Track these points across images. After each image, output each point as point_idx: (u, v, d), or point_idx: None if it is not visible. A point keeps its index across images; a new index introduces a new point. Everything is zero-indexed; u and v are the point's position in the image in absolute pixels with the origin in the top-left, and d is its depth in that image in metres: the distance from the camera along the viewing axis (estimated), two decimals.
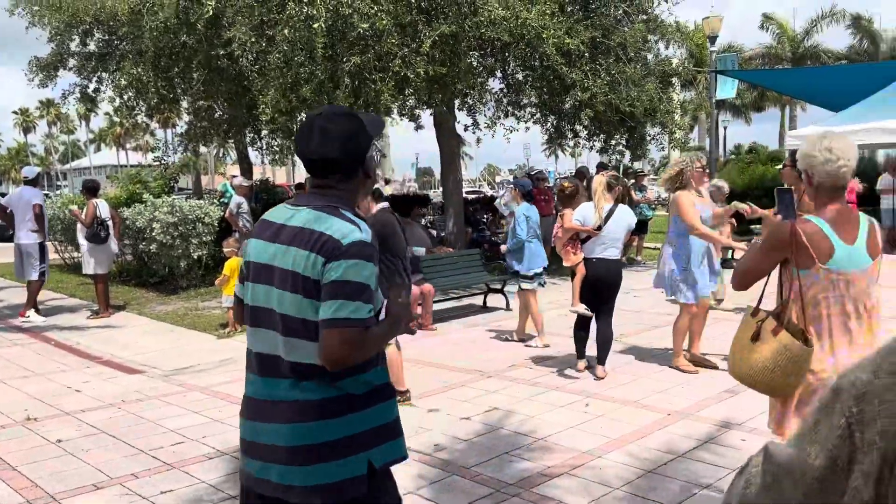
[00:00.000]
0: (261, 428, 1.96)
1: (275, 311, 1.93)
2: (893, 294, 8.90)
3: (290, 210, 2.01)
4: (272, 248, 1.96)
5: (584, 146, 13.02)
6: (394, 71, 9.28)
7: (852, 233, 2.65)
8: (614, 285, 5.91)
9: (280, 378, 1.94)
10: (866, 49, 29.72)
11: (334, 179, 1.99)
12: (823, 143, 2.64)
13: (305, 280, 1.88)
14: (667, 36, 11.99)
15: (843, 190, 2.70)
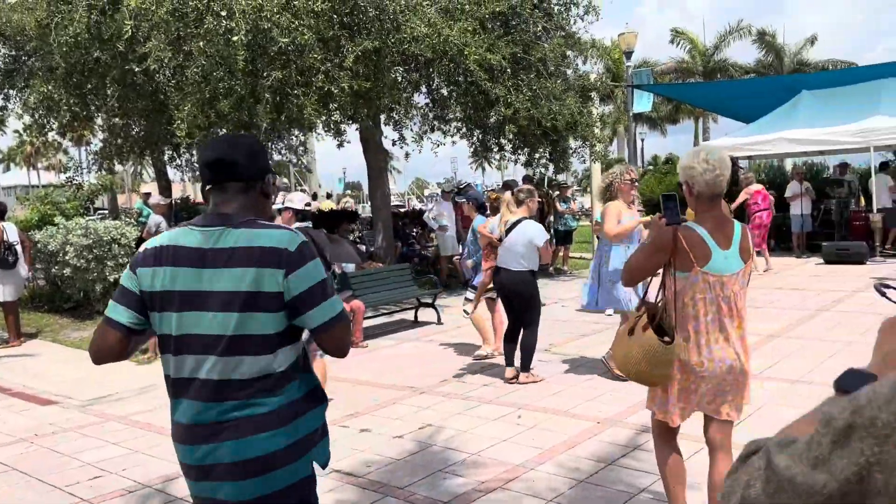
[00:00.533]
0: (208, 450, 1.94)
1: (211, 335, 1.91)
2: (804, 294, 9.41)
3: (205, 232, 1.96)
4: (202, 273, 1.92)
5: (510, 159, 13.20)
6: (317, 86, 9.18)
7: (728, 239, 2.92)
8: (519, 296, 6.04)
9: (225, 400, 1.92)
10: (771, 63, 31.29)
11: (235, 189, 2.01)
12: (701, 155, 2.90)
13: (259, 296, 1.88)
14: (584, 52, 12.31)
15: (720, 198, 2.96)
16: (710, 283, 2.87)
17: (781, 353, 6.60)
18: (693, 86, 25.47)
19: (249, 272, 1.88)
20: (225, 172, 2.01)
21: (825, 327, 7.64)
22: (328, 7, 8.99)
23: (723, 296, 2.89)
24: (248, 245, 1.90)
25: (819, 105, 13.98)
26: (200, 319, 1.91)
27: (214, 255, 1.92)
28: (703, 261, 2.86)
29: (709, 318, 2.90)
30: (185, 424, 1.98)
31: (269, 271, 1.88)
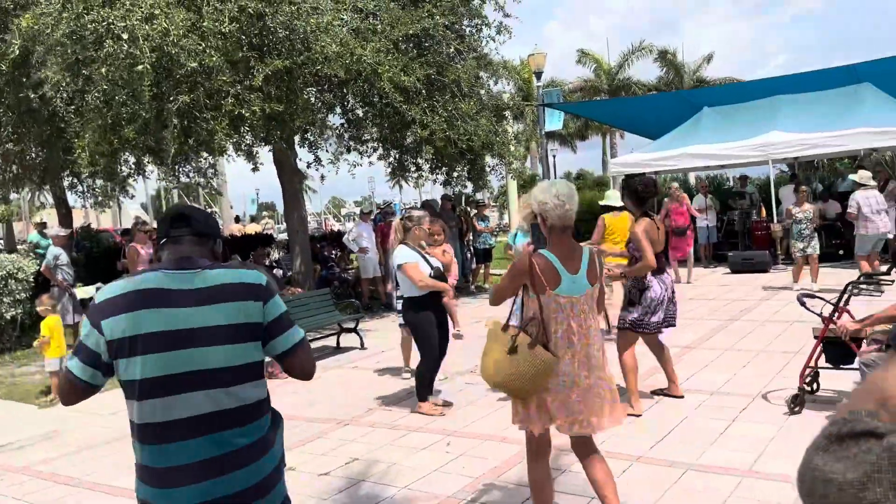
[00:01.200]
0: (215, 484, 2.00)
1: (203, 370, 1.99)
2: (700, 303, 9.76)
3: (180, 274, 2.07)
4: (190, 311, 2.00)
5: (428, 179, 13.20)
6: (227, 109, 8.91)
7: (576, 264, 3.24)
8: (407, 324, 6.06)
9: (225, 430, 2.02)
10: (672, 80, 32.75)
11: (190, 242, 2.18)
12: (552, 191, 3.26)
13: (247, 326, 2.06)
14: (497, 72, 12.48)
15: (570, 228, 3.29)
16: (561, 304, 3.18)
17: (699, 364, 6.79)
18: (601, 103, 26.29)
19: (240, 305, 2.05)
20: (182, 226, 2.19)
21: (737, 337, 7.93)
22: (236, 29, 8.76)
23: (573, 315, 3.20)
24: (232, 282, 2.08)
25: (720, 121, 14.66)
26: (191, 356, 1.98)
27: (198, 294, 2.03)
28: (554, 284, 3.17)
29: (559, 336, 3.19)
30: (179, 466, 1.98)
31: (252, 304, 2.07)
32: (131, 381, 1.98)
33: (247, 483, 2.03)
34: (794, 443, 4.56)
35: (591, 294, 3.26)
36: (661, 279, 5.44)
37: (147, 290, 2.01)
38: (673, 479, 4.19)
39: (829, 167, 19.98)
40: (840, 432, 0.78)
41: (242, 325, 2.04)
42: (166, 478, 1.99)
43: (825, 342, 5.20)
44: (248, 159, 11.23)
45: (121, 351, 1.97)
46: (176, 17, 8.43)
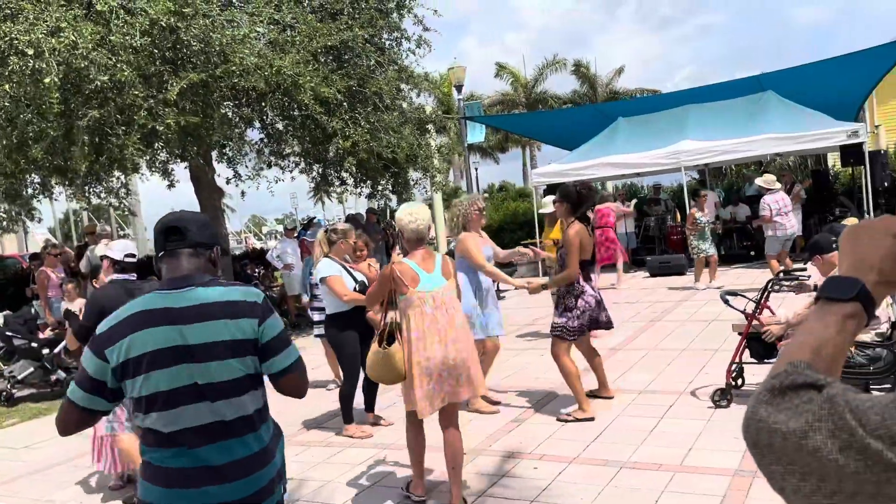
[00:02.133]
0: (219, 489, 2.08)
1: (204, 383, 2.08)
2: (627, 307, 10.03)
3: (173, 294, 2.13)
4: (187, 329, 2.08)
5: (352, 192, 13.09)
6: (139, 124, 8.59)
7: (431, 265, 4.00)
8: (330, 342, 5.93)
9: (227, 439, 2.10)
10: (586, 92, 33.70)
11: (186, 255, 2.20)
12: (407, 210, 4.04)
13: (243, 343, 2.12)
14: (418, 85, 12.53)
15: (424, 240, 4.04)
16: (423, 297, 3.89)
17: (626, 365, 6.95)
18: (520, 116, 26.79)
19: (236, 322, 2.11)
20: (177, 238, 2.20)
21: (660, 337, 8.17)
22: (148, 42, 8.47)
23: (436, 305, 3.90)
24: (228, 299, 2.13)
25: (634, 131, 15.17)
26: (194, 371, 2.07)
27: (195, 311, 2.09)
28: (415, 284, 3.90)
29: (426, 325, 3.86)
30: (186, 469, 2.08)
31: (247, 321, 2.13)
32: (139, 398, 2.08)
33: (247, 491, 2.11)
34: (720, 437, 4.72)
35: (449, 286, 4.00)
36: (592, 285, 5.55)
37: (146, 312, 2.10)
38: (608, 477, 4.26)
39: (736, 173, 20.96)
40: (782, 385, 0.82)
41: (238, 341, 2.11)
42: (173, 479, 2.08)
43: (749, 338, 5.41)
44: (163, 176, 10.85)
45: (126, 373, 2.06)
46: (84, 30, 8.08)
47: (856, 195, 14.22)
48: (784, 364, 0.85)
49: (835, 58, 13.03)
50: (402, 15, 11.83)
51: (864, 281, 0.90)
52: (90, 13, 8.71)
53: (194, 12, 8.63)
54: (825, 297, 0.92)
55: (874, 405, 0.72)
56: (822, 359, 0.86)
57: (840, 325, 0.88)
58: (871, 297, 0.90)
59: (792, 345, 0.90)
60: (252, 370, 2.15)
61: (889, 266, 0.91)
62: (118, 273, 4.62)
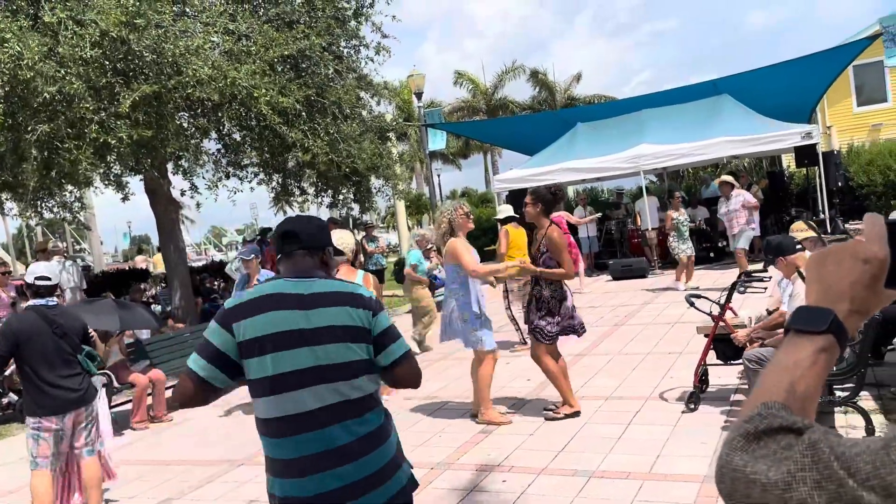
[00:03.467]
0: (337, 474, 2.14)
1: (323, 365, 2.18)
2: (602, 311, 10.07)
3: (299, 282, 2.29)
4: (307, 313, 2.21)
5: (313, 202, 12.92)
6: (91, 137, 8.34)
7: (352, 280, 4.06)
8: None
9: (347, 419, 2.18)
10: (545, 98, 33.94)
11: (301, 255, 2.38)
12: (336, 235, 4.16)
13: (356, 329, 2.23)
14: (377, 93, 12.45)
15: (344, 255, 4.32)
16: None
17: (591, 371, 6.95)
18: (480, 123, 26.87)
19: (349, 310, 2.25)
20: (293, 242, 2.38)
21: (624, 341, 8.20)
22: (98, 54, 8.23)
23: None
24: (343, 290, 2.30)
25: (593, 136, 15.30)
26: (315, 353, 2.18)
27: (314, 298, 2.25)
28: None
29: None
30: (294, 458, 2.15)
31: (361, 311, 2.26)
32: (262, 379, 2.16)
33: (358, 474, 2.16)
34: (687, 442, 4.72)
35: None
36: (568, 287, 5.56)
37: (271, 295, 2.24)
38: (577, 488, 4.22)
39: (693, 175, 21.29)
40: (757, 429, 0.77)
41: (351, 327, 2.23)
42: (302, 467, 2.14)
43: (715, 340, 5.45)
44: (117, 190, 10.56)
45: (251, 351, 2.16)
46: (30, 41, 7.82)
47: (810, 195, 14.54)
48: (757, 405, 0.80)
49: (787, 61, 13.33)
50: (359, 23, 11.75)
51: (836, 311, 0.85)
52: (37, 24, 8.45)
53: (146, 23, 8.42)
54: (796, 328, 0.86)
55: (862, 452, 0.67)
56: (797, 398, 0.81)
57: (813, 359, 0.83)
58: (844, 329, 0.85)
59: (763, 382, 0.85)
60: (363, 355, 2.25)
61: (860, 294, 0.87)
62: (35, 297, 4.46)
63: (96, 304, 7.40)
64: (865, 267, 0.87)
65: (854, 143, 17.63)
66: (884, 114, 20.95)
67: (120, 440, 6.81)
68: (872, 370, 5.49)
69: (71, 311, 4.72)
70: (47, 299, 4.44)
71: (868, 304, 0.88)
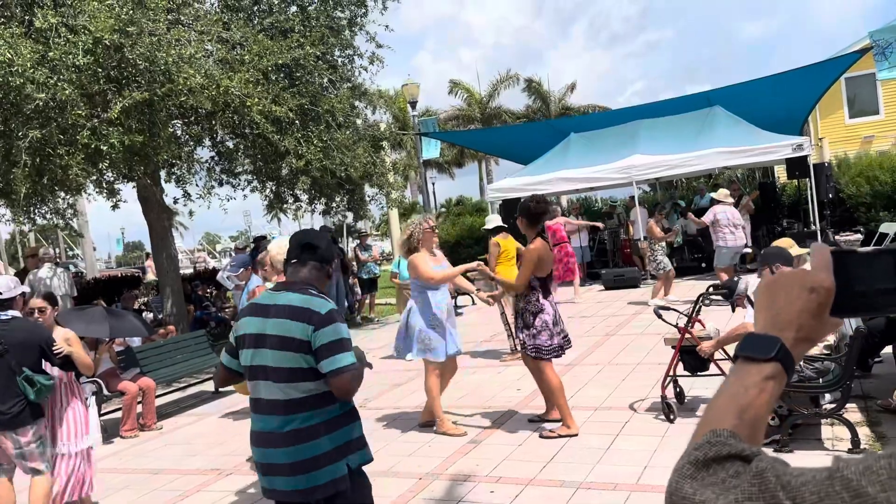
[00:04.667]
0: (267, 453, 2.71)
1: (266, 366, 2.70)
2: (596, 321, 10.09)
3: (276, 293, 2.80)
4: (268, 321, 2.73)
5: (307, 210, 12.93)
6: (83, 143, 8.34)
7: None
8: None
9: (277, 415, 2.69)
10: (540, 108, 34.04)
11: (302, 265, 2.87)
12: (276, 243, 4.64)
13: (295, 341, 2.65)
14: (372, 102, 12.49)
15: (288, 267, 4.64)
16: None
17: (581, 381, 6.96)
18: (475, 132, 26.92)
19: (294, 323, 2.66)
20: (308, 253, 2.86)
21: (615, 351, 8.22)
22: (92, 61, 8.24)
23: None
24: (296, 304, 2.70)
25: (586, 146, 15.35)
26: (263, 354, 2.71)
27: (276, 309, 2.73)
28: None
29: None
30: (255, 431, 2.78)
31: (304, 325, 2.65)
32: (244, 367, 2.81)
33: (286, 458, 2.64)
34: (675, 453, 4.71)
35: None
36: (551, 301, 5.50)
37: (256, 303, 2.84)
38: (564, 499, 4.22)
39: (686, 186, 21.37)
40: (706, 457, 0.77)
41: (295, 338, 2.64)
42: (254, 438, 2.78)
43: (682, 351, 5.48)
44: (109, 196, 10.56)
45: (240, 345, 2.82)
46: (22, 48, 7.83)
47: (802, 206, 14.61)
48: (706, 433, 0.81)
49: (778, 74, 13.41)
50: (353, 32, 11.80)
51: (783, 338, 0.87)
52: (30, 31, 8.46)
53: (139, 31, 8.44)
54: (743, 356, 0.88)
55: (808, 482, 0.68)
56: (745, 424, 0.82)
57: (761, 386, 0.85)
58: (791, 356, 0.87)
59: (712, 410, 0.86)
60: (299, 365, 2.65)
61: (806, 322, 0.88)
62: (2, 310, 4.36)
63: (87, 312, 7.37)
64: (812, 296, 0.88)
65: (844, 155, 17.74)
66: (875, 126, 21.10)
67: (109, 448, 6.79)
68: (859, 382, 5.52)
69: (30, 326, 4.48)
70: (3, 312, 4.32)
71: (815, 331, 0.89)
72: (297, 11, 11.31)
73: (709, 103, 14.53)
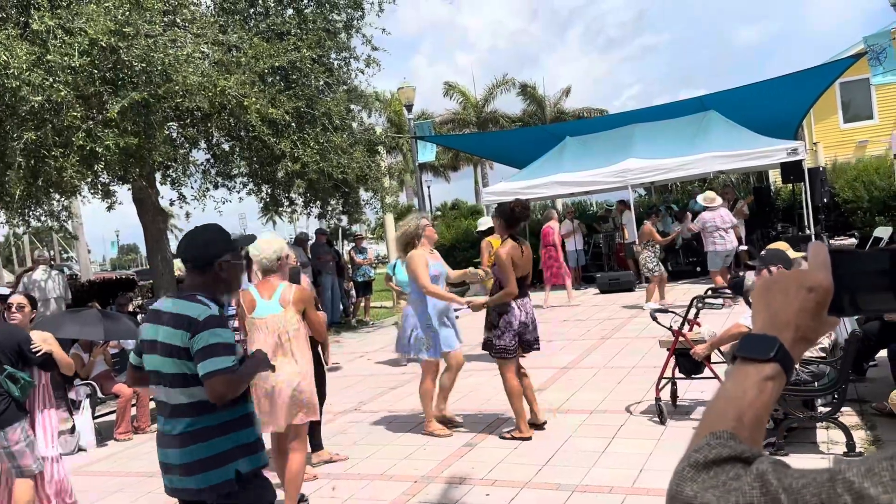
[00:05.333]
0: (165, 453, 2.80)
1: (154, 370, 2.80)
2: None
3: (169, 300, 2.83)
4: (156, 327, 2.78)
5: (302, 213, 12.92)
6: (78, 145, 8.31)
7: (271, 293, 4.31)
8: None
9: (168, 417, 2.78)
10: (535, 112, 34.06)
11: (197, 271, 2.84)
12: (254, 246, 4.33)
13: (176, 347, 2.70)
14: (368, 105, 12.49)
15: (269, 270, 4.37)
16: (258, 325, 4.27)
17: (576, 385, 6.96)
18: (470, 136, 26.96)
19: (174, 330, 2.71)
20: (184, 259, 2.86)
21: (610, 354, 8.22)
22: (88, 62, 8.22)
23: (270, 332, 4.22)
24: (176, 311, 2.74)
25: (582, 150, 15.38)
26: (153, 360, 2.80)
27: (163, 315, 2.78)
28: (251, 310, 4.30)
29: (267, 349, 3.87)
30: (158, 431, 2.88)
31: (182, 332, 2.69)
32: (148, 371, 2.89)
33: (178, 460, 2.73)
34: (671, 457, 4.73)
35: (283, 315, 4.25)
36: (522, 303, 5.47)
37: (152, 310, 2.89)
38: (560, 502, 4.22)
39: (681, 189, 21.42)
40: (706, 459, 0.77)
41: (176, 346, 2.71)
42: (157, 438, 2.88)
43: (677, 354, 5.49)
44: (104, 198, 10.52)
45: (141, 349, 2.89)
46: (18, 50, 7.81)
47: (796, 210, 14.65)
48: (706, 434, 0.81)
49: (773, 79, 13.46)
50: (350, 35, 11.80)
51: (781, 339, 0.87)
52: (26, 33, 8.44)
53: (136, 32, 8.43)
54: (742, 357, 0.87)
55: (809, 483, 0.68)
56: (745, 426, 0.82)
57: (760, 387, 0.84)
58: (790, 357, 0.86)
59: (711, 412, 0.85)
60: (182, 370, 2.71)
61: (804, 322, 0.88)
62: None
63: (81, 315, 7.35)
64: (810, 295, 0.88)
65: (838, 160, 17.79)
66: (870, 131, 21.18)
67: (103, 451, 6.76)
68: (854, 386, 5.53)
69: (8, 327, 4.51)
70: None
71: (813, 331, 0.89)
72: (294, 14, 11.31)
73: (703, 108, 14.57)
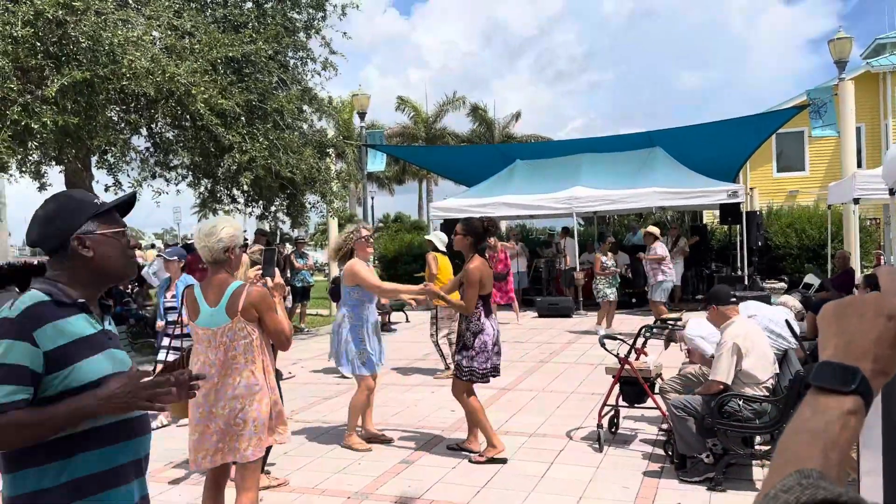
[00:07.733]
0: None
1: None
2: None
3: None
4: None
5: (242, 212, 12.54)
6: (12, 119, 7.84)
7: (217, 298, 3.26)
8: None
9: None
10: (484, 134, 34.39)
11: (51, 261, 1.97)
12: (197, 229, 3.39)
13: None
14: (323, 108, 12.26)
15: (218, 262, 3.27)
16: (200, 335, 3.29)
17: (516, 406, 6.89)
18: (421, 149, 26.92)
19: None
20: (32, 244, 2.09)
21: (549, 378, 8.20)
22: (31, 33, 7.79)
23: (211, 346, 3.25)
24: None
25: (531, 173, 15.51)
26: None
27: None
28: (195, 316, 3.30)
29: (197, 366, 3.24)
30: None
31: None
32: None
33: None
34: (609, 485, 4.69)
35: (232, 326, 3.24)
36: (492, 322, 5.39)
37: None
38: None
39: (619, 222, 21.85)
40: (798, 502, 0.68)
41: None
42: None
43: (621, 382, 5.50)
44: (34, 178, 9.97)
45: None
46: None
47: (730, 252, 15.10)
48: (793, 473, 0.72)
49: (719, 122, 13.90)
50: (308, 35, 11.59)
51: (862, 370, 0.78)
52: None
53: (86, 7, 8.05)
54: (818, 387, 0.78)
55: None
56: (832, 464, 0.73)
57: (843, 422, 0.76)
58: (871, 389, 0.78)
59: (793, 446, 0.76)
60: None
61: (885, 352, 0.79)
62: None
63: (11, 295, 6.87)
64: (890, 324, 0.80)
65: (773, 206, 18.50)
66: (800, 181, 22.16)
67: None
68: None
69: None
70: None
71: (891, 363, 0.80)
72: (253, 7, 11.05)
73: (651, 143, 14.91)
